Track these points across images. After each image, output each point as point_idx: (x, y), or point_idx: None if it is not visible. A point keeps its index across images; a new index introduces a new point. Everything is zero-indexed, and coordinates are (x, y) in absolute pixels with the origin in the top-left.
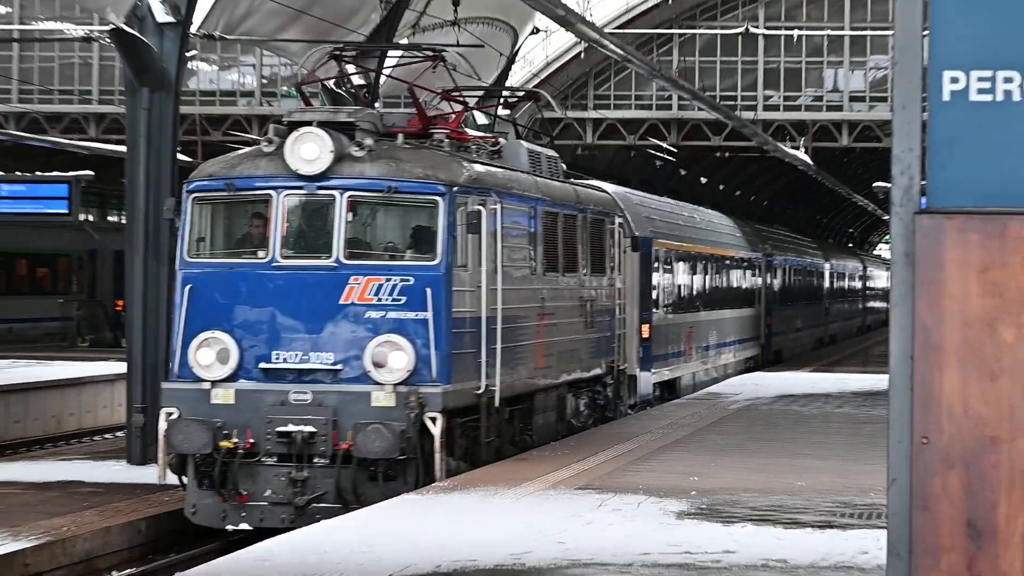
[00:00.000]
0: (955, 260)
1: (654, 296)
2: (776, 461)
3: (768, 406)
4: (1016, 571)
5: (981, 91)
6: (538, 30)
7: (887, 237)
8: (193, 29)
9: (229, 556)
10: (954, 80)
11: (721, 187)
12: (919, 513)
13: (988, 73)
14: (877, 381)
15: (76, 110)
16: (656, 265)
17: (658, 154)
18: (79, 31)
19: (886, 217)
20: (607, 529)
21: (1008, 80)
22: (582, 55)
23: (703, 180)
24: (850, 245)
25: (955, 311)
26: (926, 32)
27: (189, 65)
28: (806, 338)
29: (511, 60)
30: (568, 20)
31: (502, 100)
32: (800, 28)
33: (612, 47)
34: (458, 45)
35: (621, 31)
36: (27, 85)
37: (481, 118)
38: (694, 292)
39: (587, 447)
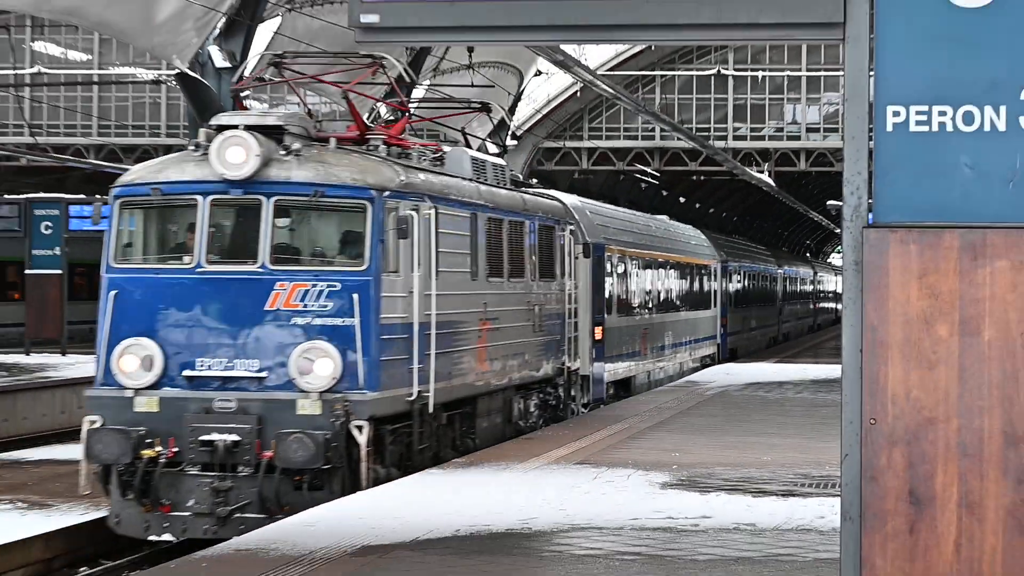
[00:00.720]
0: (897, 267)
1: (607, 299)
2: (745, 439)
3: (739, 392)
4: (951, 532)
5: (919, 123)
6: (540, 72)
7: (839, 248)
8: (246, 73)
9: (280, 522)
10: (896, 114)
11: (697, 205)
12: (868, 483)
13: (925, 107)
14: (831, 371)
15: (147, 142)
16: (609, 270)
17: (643, 178)
18: (149, 75)
19: (838, 231)
20: (601, 498)
21: (942, 113)
22: (578, 93)
23: (682, 200)
24: (807, 255)
25: (897, 311)
26: (872, 73)
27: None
28: (760, 337)
29: (517, 97)
30: (566, 64)
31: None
32: (764, 70)
33: (604, 86)
34: (472, 86)
35: (611, 73)
36: (105, 121)
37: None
38: (649, 295)
39: (583, 428)
